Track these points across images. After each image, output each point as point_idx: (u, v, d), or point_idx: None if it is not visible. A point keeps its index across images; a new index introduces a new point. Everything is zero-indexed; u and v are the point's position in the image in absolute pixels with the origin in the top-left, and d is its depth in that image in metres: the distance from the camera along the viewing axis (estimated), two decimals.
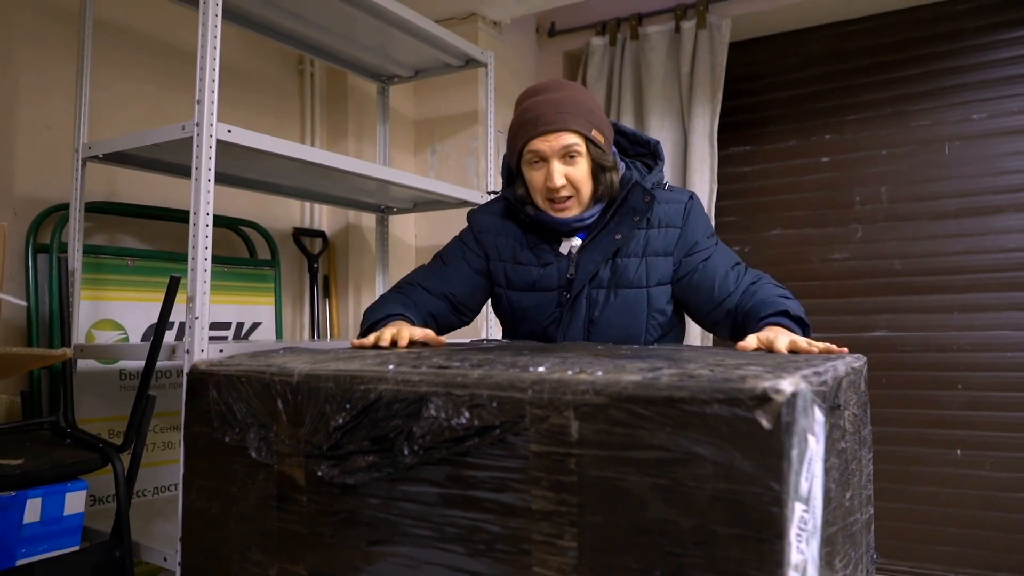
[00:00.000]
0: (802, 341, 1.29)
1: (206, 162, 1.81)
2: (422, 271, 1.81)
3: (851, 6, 3.15)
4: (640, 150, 1.77)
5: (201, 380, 1.16)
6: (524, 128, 1.58)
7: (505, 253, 1.74)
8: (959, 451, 2.98)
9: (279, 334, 2.78)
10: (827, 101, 3.30)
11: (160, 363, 1.88)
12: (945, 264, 3.05)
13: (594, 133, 1.58)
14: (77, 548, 1.76)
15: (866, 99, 3.22)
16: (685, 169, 3.19)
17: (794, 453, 0.78)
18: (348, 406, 1.00)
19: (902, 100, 3.16)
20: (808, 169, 3.32)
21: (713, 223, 3.11)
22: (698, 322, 1.71)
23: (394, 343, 1.42)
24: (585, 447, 0.85)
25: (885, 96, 3.19)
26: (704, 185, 3.13)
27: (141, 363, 2.31)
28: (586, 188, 1.61)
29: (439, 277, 1.76)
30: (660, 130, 3.23)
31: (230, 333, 2.61)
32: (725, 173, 3.38)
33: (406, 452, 0.95)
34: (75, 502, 1.75)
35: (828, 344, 1.28)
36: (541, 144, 1.56)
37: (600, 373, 0.87)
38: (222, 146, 1.86)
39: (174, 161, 2.17)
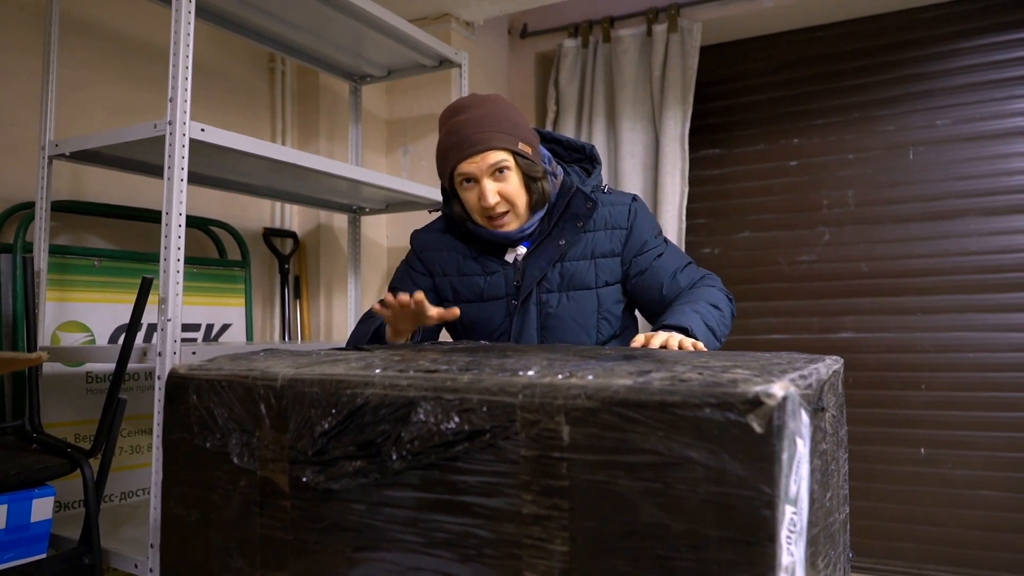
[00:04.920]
0: (674, 343, 1.36)
1: (179, 161, 1.78)
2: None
3: (819, 12, 3.20)
4: (577, 155, 1.79)
5: (180, 384, 1.14)
6: (451, 151, 1.59)
7: (449, 267, 1.74)
8: (923, 450, 3.04)
9: (250, 336, 2.74)
10: (795, 106, 3.34)
11: (129, 366, 1.84)
12: (909, 267, 3.11)
13: (520, 146, 1.59)
14: (44, 556, 1.72)
15: (833, 104, 3.27)
16: (656, 172, 3.21)
17: (784, 456, 0.78)
18: (334, 411, 0.99)
19: (868, 105, 3.22)
20: (777, 172, 3.36)
21: (683, 226, 3.14)
22: (649, 320, 1.73)
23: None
24: (576, 451, 0.85)
25: (852, 101, 3.24)
26: (675, 187, 3.15)
27: (109, 366, 2.28)
28: (521, 201, 1.62)
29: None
30: (632, 133, 3.25)
31: (199, 335, 2.57)
32: (695, 176, 3.41)
33: (394, 457, 0.94)
34: (42, 508, 1.71)
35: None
36: (469, 166, 1.57)
37: (591, 377, 0.87)
38: (194, 145, 1.83)
39: (144, 160, 2.13)
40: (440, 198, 2.67)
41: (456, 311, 1.53)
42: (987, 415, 2.94)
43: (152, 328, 2.39)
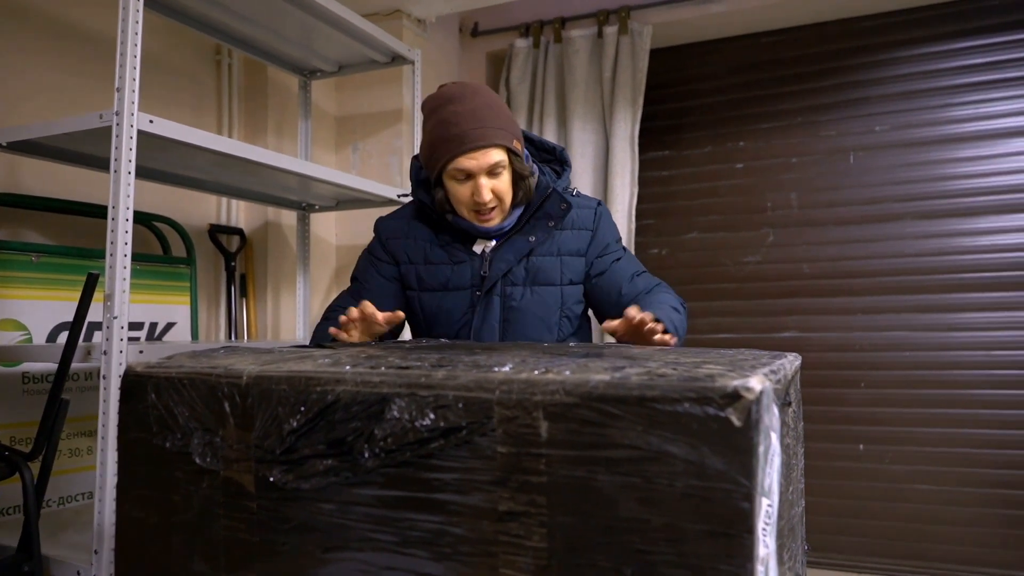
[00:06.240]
0: (660, 327, 1.42)
1: (126, 153, 1.73)
2: (344, 296, 1.79)
3: (765, 19, 3.28)
4: (547, 156, 1.80)
5: (138, 382, 1.09)
6: (448, 143, 1.55)
7: (415, 255, 1.72)
8: (861, 446, 3.14)
9: (195, 335, 2.67)
10: (742, 109, 3.41)
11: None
12: (849, 268, 3.20)
13: (515, 144, 1.60)
14: None
15: (778, 108, 3.35)
16: (606, 173, 3.24)
17: (761, 449, 0.80)
18: (303, 408, 0.97)
19: (811, 110, 3.31)
20: (723, 175, 3.43)
21: (633, 226, 3.18)
22: (601, 321, 1.73)
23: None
24: (554, 447, 0.85)
25: (795, 106, 3.33)
26: (625, 189, 3.19)
27: (47, 365, 2.20)
28: (508, 197, 1.63)
29: (359, 299, 1.72)
30: (582, 133, 3.28)
31: (143, 334, 2.49)
32: (644, 177, 3.45)
33: (366, 455, 0.93)
34: None
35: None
36: (468, 162, 1.55)
37: (568, 373, 0.87)
38: (141, 137, 1.77)
39: (86, 152, 2.05)
40: (392, 195, 2.67)
41: (401, 314, 1.55)
42: (922, 411, 3.06)
43: (92, 327, 2.31)
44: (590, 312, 1.82)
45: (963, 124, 3.09)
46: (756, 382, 0.80)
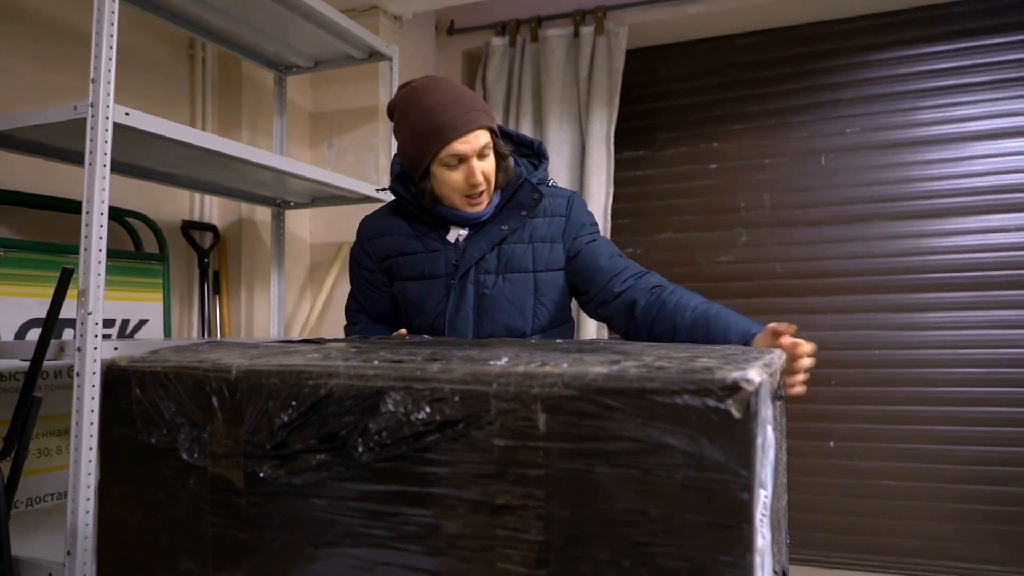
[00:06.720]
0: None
1: (102, 146, 1.69)
2: (352, 301, 1.86)
3: (739, 21, 3.31)
4: (525, 151, 1.82)
5: (121, 378, 1.07)
6: (440, 131, 1.56)
7: (393, 249, 1.75)
8: (832, 443, 3.19)
9: (167, 333, 2.62)
10: (716, 110, 3.45)
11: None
12: (820, 268, 3.25)
13: (494, 124, 1.65)
14: None
15: (751, 110, 3.39)
16: (582, 172, 3.25)
17: (759, 441, 0.80)
18: (295, 403, 0.95)
19: (783, 112, 3.35)
20: (697, 175, 3.46)
21: (609, 225, 3.19)
22: (587, 304, 1.73)
23: None
24: (552, 440, 0.85)
25: (768, 108, 3.37)
26: (600, 188, 3.20)
27: (15, 363, 2.14)
28: (494, 179, 1.66)
29: (363, 303, 1.83)
30: (559, 132, 3.28)
31: (114, 331, 2.44)
32: (619, 177, 3.46)
33: (360, 449, 0.92)
34: None
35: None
36: (462, 146, 1.57)
37: (566, 365, 0.87)
38: (117, 130, 1.74)
39: (59, 145, 2.01)
40: (369, 192, 2.64)
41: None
42: (890, 409, 3.11)
43: (62, 324, 2.25)
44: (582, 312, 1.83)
45: (930, 127, 3.15)
46: (755, 374, 0.80)
